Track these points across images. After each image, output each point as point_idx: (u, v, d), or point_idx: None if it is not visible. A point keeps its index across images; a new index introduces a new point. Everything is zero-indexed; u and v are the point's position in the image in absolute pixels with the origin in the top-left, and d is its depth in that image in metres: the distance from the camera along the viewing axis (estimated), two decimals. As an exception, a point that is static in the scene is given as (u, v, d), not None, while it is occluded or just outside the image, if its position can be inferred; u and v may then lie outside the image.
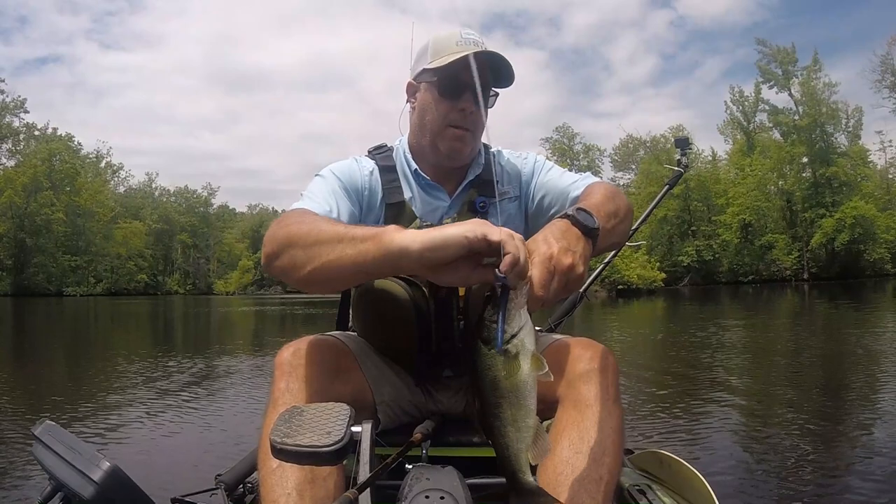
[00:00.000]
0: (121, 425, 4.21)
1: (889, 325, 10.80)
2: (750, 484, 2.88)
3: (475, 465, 1.47)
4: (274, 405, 1.26)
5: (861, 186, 47.52)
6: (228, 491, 1.52)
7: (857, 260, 45.10)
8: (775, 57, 48.91)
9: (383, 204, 1.57)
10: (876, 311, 14.54)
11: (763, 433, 3.90)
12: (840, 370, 6.51)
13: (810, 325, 12.77)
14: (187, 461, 3.35)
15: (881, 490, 2.74)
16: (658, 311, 19.86)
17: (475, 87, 1.36)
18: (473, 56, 1.22)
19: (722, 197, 50.47)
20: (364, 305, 1.57)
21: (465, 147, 1.55)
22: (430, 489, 1.21)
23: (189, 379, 6.24)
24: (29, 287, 54.60)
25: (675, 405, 4.82)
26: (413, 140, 1.63)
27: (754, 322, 13.42)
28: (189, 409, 4.85)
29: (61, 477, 1.26)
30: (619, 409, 1.31)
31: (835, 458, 3.33)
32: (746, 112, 52.92)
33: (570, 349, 1.41)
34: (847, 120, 49.25)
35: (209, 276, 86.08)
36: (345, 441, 1.00)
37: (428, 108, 1.55)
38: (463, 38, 1.50)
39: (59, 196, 59.23)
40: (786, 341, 9.89)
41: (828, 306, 18.48)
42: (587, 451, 1.22)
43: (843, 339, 9.29)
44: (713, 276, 49.07)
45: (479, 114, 1.52)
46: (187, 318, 23.85)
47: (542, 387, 1.39)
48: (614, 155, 59.90)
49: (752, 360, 7.59)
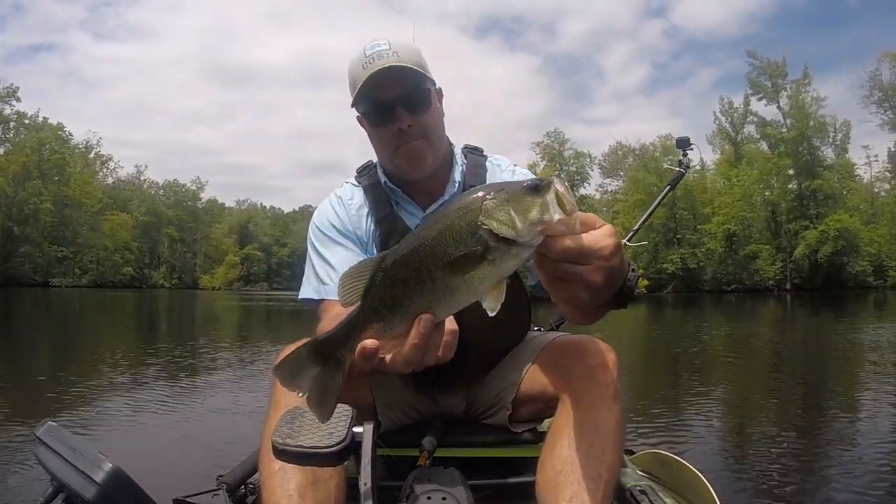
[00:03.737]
0: (121, 425, 4.20)
1: (878, 333, 11.03)
2: (751, 485, 2.89)
3: (477, 466, 1.47)
4: (275, 407, 1.27)
5: (846, 199, 47.91)
6: (230, 492, 1.51)
7: (839, 272, 45.45)
8: (765, 70, 49.28)
9: (373, 222, 1.60)
10: (860, 321, 14.73)
11: (763, 434, 3.96)
12: (834, 375, 6.70)
13: (797, 333, 13.00)
14: (189, 462, 3.35)
15: (881, 489, 2.81)
16: (642, 316, 19.99)
17: (398, 104, 1.45)
18: (372, 76, 1.36)
19: (708, 206, 50.71)
20: None
21: (424, 155, 1.53)
22: (432, 490, 1.22)
23: (189, 379, 6.20)
24: (15, 277, 53.88)
25: (674, 406, 4.89)
26: (378, 159, 1.66)
27: (741, 329, 13.56)
28: (190, 409, 4.84)
29: (63, 478, 1.25)
30: (620, 406, 1.29)
31: (835, 458, 3.39)
32: (735, 123, 53.27)
33: (571, 346, 1.43)
34: (835, 133, 49.66)
35: (195, 270, 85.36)
36: (346, 442, 1.01)
37: (372, 137, 1.58)
38: (367, 56, 1.45)
39: (48, 186, 58.71)
40: (776, 347, 10.05)
41: (810, 316, 18.73)
42: (587, 449, 1.21)
43: (831, 346, 9.46)
44: (697, 284, 49.28)
45: (421, 120, 1.50)
46: (182, 311, 23.72)
47: (542, 384, 1.45)
48: (603, 162, 60.16)
49: (745, 364, 7.75)
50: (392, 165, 1.58)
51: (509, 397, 1.54)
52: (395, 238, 1.52)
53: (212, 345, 10.27)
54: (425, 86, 1.50)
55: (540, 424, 1.56)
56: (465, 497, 1.21)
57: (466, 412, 1.67)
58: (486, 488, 1.42)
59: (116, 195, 74.47)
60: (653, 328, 14.39)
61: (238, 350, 9.55)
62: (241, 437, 3.75)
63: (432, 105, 1.53)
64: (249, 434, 3.82)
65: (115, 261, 67.61)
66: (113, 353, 8.75)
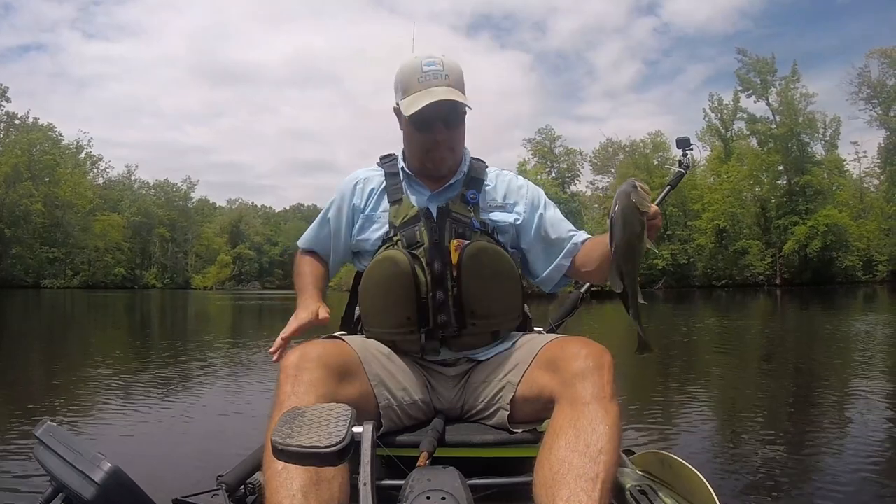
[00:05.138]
0: (121, 426, 4.19)
1: (870, 326, 11.10)
2: (751, 485, 2.89)
3: (477, 466, 1.47)
4: (279, 408, 1.29)
5: (835, 195, 48.24)
6: (230, 492, 1.51)
7: (828, 267, 45.81)
8: (755, 66, 49.41)
9: (386, 202, 1.82)
10: (849, 315, 14.84)
11: (762, 432, 3.96)
12: (827, 369, 6.69)
13: (788, 327, 13.04)
14: (188, 462, 3.35)
15: (879, 489, 2.82)
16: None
17: (439, 120, 1.71)
18: (429, 106, 1.63)
19: (698, 202, 50.92)
20: (370, 275, 1.72)
21: (448, 162, 1.79)
22: (432, 490, 1.22)
23: (188, 379, 6.18)
24: (6, 279, 53.64)
25: (672, 405, 4.90)
26: (406, 151, 1.87)
27: (733, 324, 13.57)
28: (189, 409, 4.84)
29: (62, 478, 1.25)
30: (616, 406, 1.33)
31: (833, 454, 3.40)
32: (725, 120, 53.43)
33: (566, 347, 1.47)
34: (824, 129, 49.96)
35: (187, 270, 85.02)
36: (346, 441, 1.01)
37: (409, 137, 1.80)
38: (423, 72, 1.69)
39: (38, 187, 58.42)
40: (768, 342, 10.08)
41: (799, 310, 18.86)
42: (583, 450, 1.23)
43: (823, 340, 9.55)
44: (687, 280, 49.46)
45: (453, 134, 1.76)
46: (175, 310, 23.63)
47: (539, 385, 1.51)
48: (594, 158, 60.23)
49: (739, 361, 7.73)
50: (417, 160, 1.81)
51: (507, 398, 1.59)
52: (401, 215, 1.76)
53: (206, 344, 10.23)
54: (463, 109, 1.72)
55: (540, 425, 1.57)
56: (465, 497, 1.22)
57: (465, 412, 1.71)
58: (485, 488, 1.43)
59: (107, 195, 74.20)
60: (645, 324, 14.41)
61: (235, 346, 9.53)
62: (241, 436, 3.77)
63: (463, 122, 1.78)
64: (249, 433, 3.83)
65: (107, 261, 67.43)
66: (106, 354, 8.70)
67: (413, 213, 1.74)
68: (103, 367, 6.97)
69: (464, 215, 1.74)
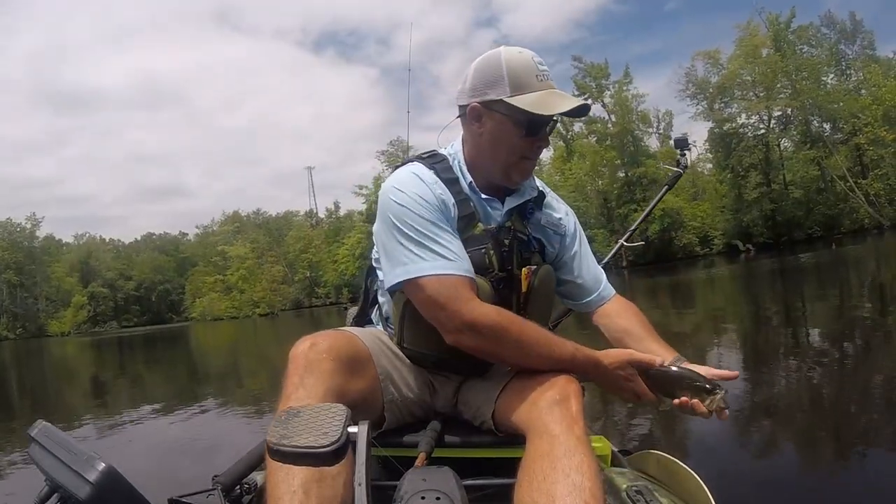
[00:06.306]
0: (118, 426, 4.02)
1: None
2: (747, 485, 2.85)
3: (472, 466, 1.46)
4: (286, 400, 1.24)
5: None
6: (225, 491, 1.47)
7: (669, 245, 49.76)
8: (589, 72, 52.96)
9: (456, 216, 1.54)
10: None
11: (760, 431, 3.91)
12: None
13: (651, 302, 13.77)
14: (183, 462, 3.27)
15: (879, 488, 2.73)
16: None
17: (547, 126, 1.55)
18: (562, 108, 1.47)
19: (546, 198, 53.54)
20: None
21: (531, 173, 1.63)
22: (427, 490, 1.21)
23: (186, 379, 5.88)
24: None
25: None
26: (475, 158, 1.62)
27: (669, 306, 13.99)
28: (188, 408, 4.70)
29: (57, 478, 1.23)
30: (587, 436, 1.24)
31: (833, 455, 3.33)
32: (565, 122, 56.81)
33: (533, 377, 1.40)
34: (658, 123, 54.74)
35: (39, 316, 77.01)
36: (342, 441, 1.01)
37: (504, 139, 1.53)
38: (540, 70, 1.51)
39: None
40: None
41: (648, 290, 20.31)
42: (563, 479, 1.14)
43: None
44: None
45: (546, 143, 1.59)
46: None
47: (514, 408, 1.39)
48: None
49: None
50: (499, 168, 1.57)
51: (488, 412, 1.52)
52: (467, 232, 1.54)
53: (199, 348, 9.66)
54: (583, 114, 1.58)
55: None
56: (460, 497, 1.21)
57: (461, 416, 1.66)
58: (481, 488, 1.40)
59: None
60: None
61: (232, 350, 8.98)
62: (236, 435, 3.73)
63: None
64: (244, 433, 3.78)
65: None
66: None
67: (479, 231, 1.55)
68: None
69: (522, 233, 1.62)
